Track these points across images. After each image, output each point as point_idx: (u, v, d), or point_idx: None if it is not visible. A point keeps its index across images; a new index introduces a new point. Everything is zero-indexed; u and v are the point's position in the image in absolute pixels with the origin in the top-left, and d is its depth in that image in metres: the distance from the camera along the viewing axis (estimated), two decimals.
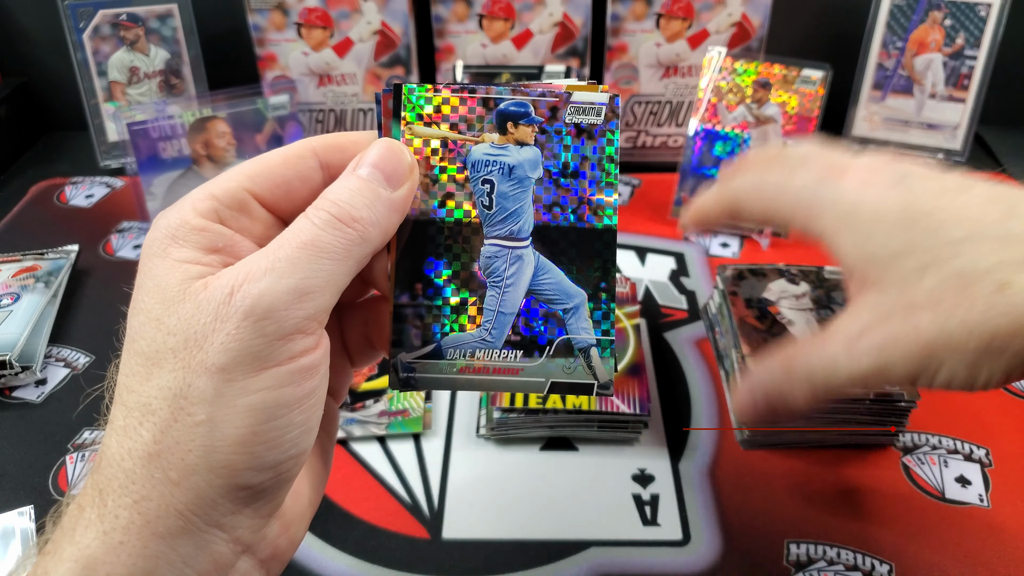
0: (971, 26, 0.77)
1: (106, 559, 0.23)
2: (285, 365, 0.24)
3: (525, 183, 0.29)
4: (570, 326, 0.29)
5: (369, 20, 0.80)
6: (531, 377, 0.29)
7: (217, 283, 0.24)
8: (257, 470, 0.24)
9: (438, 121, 0.29)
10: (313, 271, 0.25)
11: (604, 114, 0.29)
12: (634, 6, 0.79)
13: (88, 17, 0.79)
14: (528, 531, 0.46)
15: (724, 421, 0.53)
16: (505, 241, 0.29)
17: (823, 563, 0.44)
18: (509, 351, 0.29)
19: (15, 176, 0.84)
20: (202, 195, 0.26)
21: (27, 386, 0.57)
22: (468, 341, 0.29)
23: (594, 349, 0.29)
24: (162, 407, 0.23)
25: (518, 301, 0.29)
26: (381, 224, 0.27)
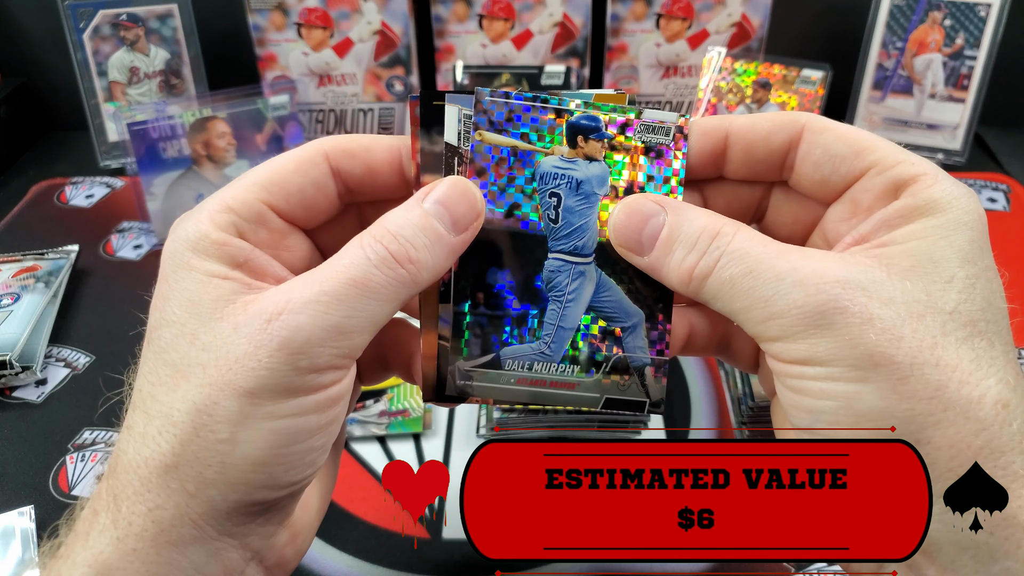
0: (971, 26, 0.77)
1: (119, 565, 0.23)
2: (312, 395, 0.24)
3: (592, 199, 0.29)
4: (627, 344, 0.30)
5: (369, 20, 0.80)
6: (586, 392, 0.30)
7: (257, 308, 0.24)
8: (273, 488, 0.24)
9: (508, 129, 0.29)
10: (357, 311, 0.24)
11: (673, 135, 0.29)
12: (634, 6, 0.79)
13: (88, 17, 0.79)
14: None
15: (724, 421, 0.53)
16: (569, 256, 0.29)
17: (823, 563, 0.44)
18: (566, 365, 0.30)
19: (15, 176, 0.84)
20: (219, 207, 0.26)
21: (27, 386, 0.57)
22: (527, 353, 0.30)
23: (648, 368, 0.30)
24: (185, 420, 0.23)
25: (579, 316, 0.29)
26: (436, 268, 0.26)
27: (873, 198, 0.26)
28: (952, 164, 0.80)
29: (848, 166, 0.27)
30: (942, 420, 0.23)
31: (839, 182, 0.27)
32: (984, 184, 0.77)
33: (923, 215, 0.25)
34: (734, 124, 0.28)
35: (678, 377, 0.57)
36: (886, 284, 0.24)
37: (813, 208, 0.29)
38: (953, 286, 0.24)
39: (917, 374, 0.23)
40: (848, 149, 0.27)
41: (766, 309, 0.24)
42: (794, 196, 0.30)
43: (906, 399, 0.23)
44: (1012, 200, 0.75)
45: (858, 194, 0.27)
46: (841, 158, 0.27)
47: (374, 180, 0.29)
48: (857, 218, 0.27)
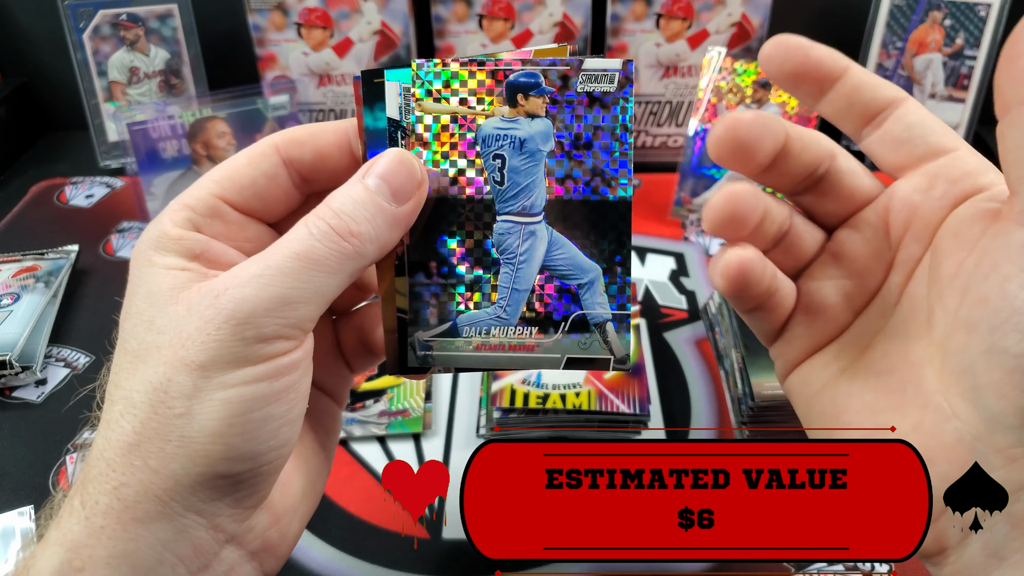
0: (971, 26, 0.77)
1: (88, 542, 0.24)
2: (262, 364, 0.25)
3: (537, 156, 0.29)
4: (585, 301, 0.29)
5: (369, 20, 0.80)
6: (547, 353, 0.29)
7: (207, 287, 0.25)
8: (234, 460, 0.25)
9: (448, 96, 0.29)
10: (301, 282, 0.25)
11: (618, 81, 0.28)
12: (634, 6, 0.79)
13: (88, 17, 0.79)
14: None
15: (724, 421, 0.53)
16: (518, 217, 0.29)
17: (823, 563, 0.44)
18: (524, 328, 0.29)
19: (15, 176, 0.84)
20: (177, 206, 0.27)
21: (27, 386, 0.57)
22: (483, 319, 0.29)
23: (610, 324, 0.29)
24: (143, 400, 0.24)
25: (532, 277, 0.29)
26: (380, 240, 0.27)
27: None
28: None
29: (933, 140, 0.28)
30: None
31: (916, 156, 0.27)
32: None
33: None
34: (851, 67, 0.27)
35: (678, 377, 0.57)
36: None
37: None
38: None
39: None
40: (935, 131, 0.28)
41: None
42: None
43: None
44: None
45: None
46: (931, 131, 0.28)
47: (325, 165, 0.29)
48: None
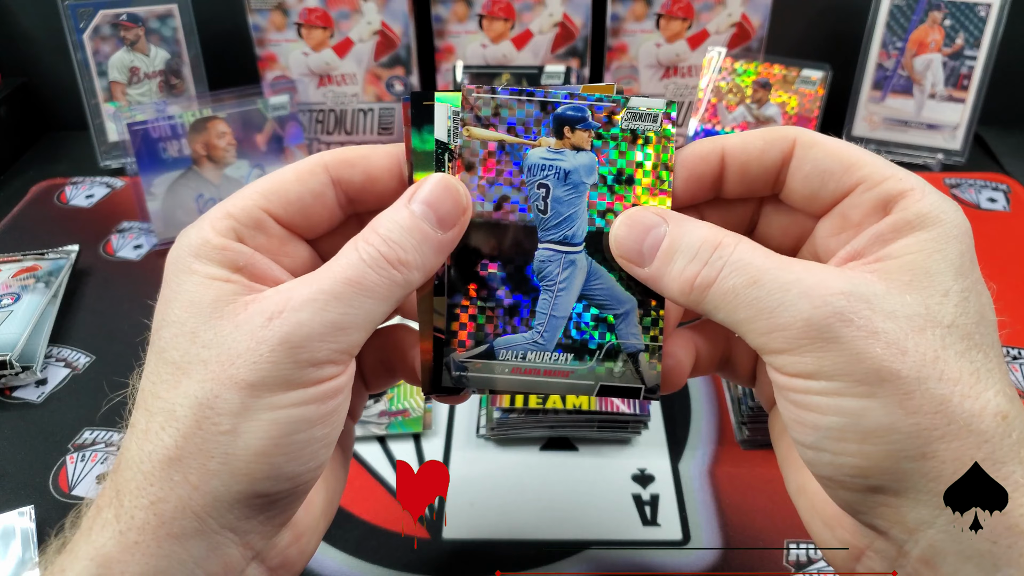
0: (971, 26, 0.77)
1: (121, 558, 0.23)
2: (311, 388, 0.25)
3: (580, 188, 0.29)
4: (620, 331, 0.30)
5: (369, 20, 0.80)
6: (580, 380, 0.30)
7: (257, 307, 0.25)
8: (276, 479, 0.25)
9: (496, 123, 0.29)
10: (354, 308, 0.25)
11: (660, 121, 0.29)
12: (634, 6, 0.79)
13: (88, 17, 0.79)
14: (528, 531, 0.46)
15: (724, 421, 0.53)
16: (559, 246, 0.30)
17: (823, 563, 0.44)
18: (560, 354, 0.30)
19: (15, 176, 0.84)
20: (220, 214, 0.27)
21: (27, 386, 0.57)
22: (520, 343, 0.30)
23: (643, 354, 0.30)
24: (187, 414, 0.24)
25: (570, 305, 0.30)
26: (426, 267, 0.27)
27: (863, 213, 0.26)
28: (952, 164, 0.80)
29: (837, 181, 0.27)
30: (946, 434, 0.23)
31: (828, 197, 0.27)
32: (984, 184, 0.77)
33: (915, 229, 0.25)
34: (727, 145, 0.29)
35: None
36: (887, 298, 0.24)
37: (802, 222, 0.30)
38: (949, 299, 0.24)
39: (922, 388, 0.23)
40: (837, 164, 0.27)
41: (770, 320, 0.24)
42: (784, 210, 0.30)
43: (912, 414, 0.23)
44: (1012, 200, 0.75)
45: (847, 209, 0.27)
46: (830, 173, 0.27)
47: (375, 187, 0.29)
48: (847, 233, 0.27)
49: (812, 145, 0.27)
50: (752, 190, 0.29)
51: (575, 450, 0.51)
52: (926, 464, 0.23)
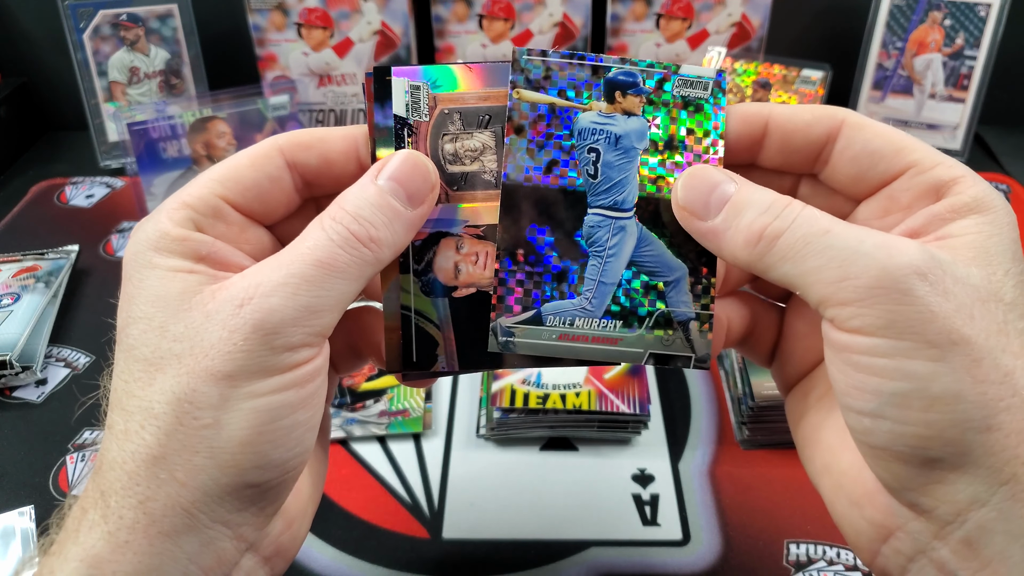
0: (971, 26, 0.77)
1: (112, 558, 0.23)
2: (288, 373, 0.24)
3: (631, 153, 0.29)
4: (670, 299, 0.29)
5: (369, 20, 0.80)
6: (629, 348, 0.29)
7: (226, 294, 0.24)
8: (264, 468, 0.24)
9: (547, 87, 0.29)
10: (325, 290, 0.25)
11: (711, 88, 0.29)
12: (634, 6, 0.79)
13: (88, 17, 0.79)
14: (528, 531, 0.46)
15: (724, 421, 0.53)
16: (608, 211, 0.29)
17: (823, 563, 0.44)
18: (608, 321, 0.29)
19: (15, 176, 0.84)
20: (176, 204, 0.26)
21: (27, 386, 0.57)
22: (568, 309, 0.29)
23: (693, 323, 0.29)
24: (166, 411, 0.24)
25: (619, 272, 0.29)
26: (396, 244, 0.27)
27: (913, 196, 0.26)
28: None
29: (887, 164, 0.27)
30: (1011, 406, 0.22)
31: (875, 179, 0.27)
32: None
33: (972, 212, 0.25)
34: (774, 112, 0.29)
35: (678, 377, 0.57)
36: (956, 266, 0.24)
37: (840, 204, 0.29)
38: (1009, 279, 0.24)
39: (989, 357, 0.23)
40: (888, 147, 0.27)
41: (842, 269, 0.24)
42: (823, 190, 0.30)
43: (980, 382, 0.22)
44: (1012, 200, 0.75)
45: (896, 192, 0.27)
46: (880, 155, 0.27)
47: (331, 170, 0.29)
48: (893, 216, 0.27)
49: (862, 127, 0.27)
50: (791, 163, 0.29)
51: (575, 450, 0.51)
52: (990, 436, 0.22)
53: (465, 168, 0.29)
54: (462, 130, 0.29)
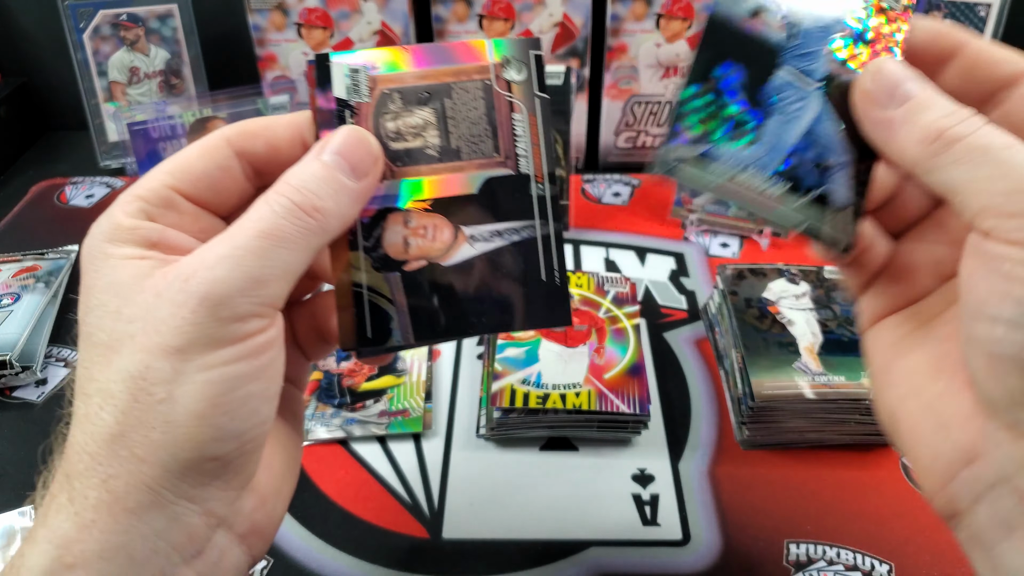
0: (970, 26, 0.77)
1: (79, 537, 0.23)
2: (240, 343, 0.25)
3: (830, 28, 0.30)
4: (835, 180, 0.30)
5: (369, 20, 0.80)
6: (790, 211, 0.30)
7: (174, 272, 0.25)
8: (221, 440, 0.25)
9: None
10: (270, 260, 0.25)
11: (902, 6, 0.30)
12: (634, 6, 0.79)
13: (88, 17, 0.79)
14: (528, 531, 0.46)
15: (724, 421, 0.53)
16: (800, 75, 0.30)
17: (823, 563, 0.44)
18: (777, 180, 0.30)
19: (15, 176, 0.84)
20: (128, 198, 0.27)
21: (27, 386, 0.57)
22: (741, 156, 0.30)
23: (849, 208, 0.30)
24: (122, 390, 0.24)
25: (796, 135, 0.30)
26: (343, 215, 0.27)
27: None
28: None
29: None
30: None
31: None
32: None
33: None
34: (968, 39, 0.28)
35: (678, 377, 0.57)
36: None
37: None
38: None
39: None
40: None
41: (1017, 182, 0.24)
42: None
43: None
44: None
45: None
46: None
47: (278, 156, 0.29)
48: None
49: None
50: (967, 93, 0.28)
51: (575, 450, 0.51)
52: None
53: (408, 144, 0.30)
54: (403, 108, 0.30)
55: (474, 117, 0.31)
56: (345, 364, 0.56)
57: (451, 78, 0.31)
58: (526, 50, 0.31)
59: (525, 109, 0.31)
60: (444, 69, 0.30)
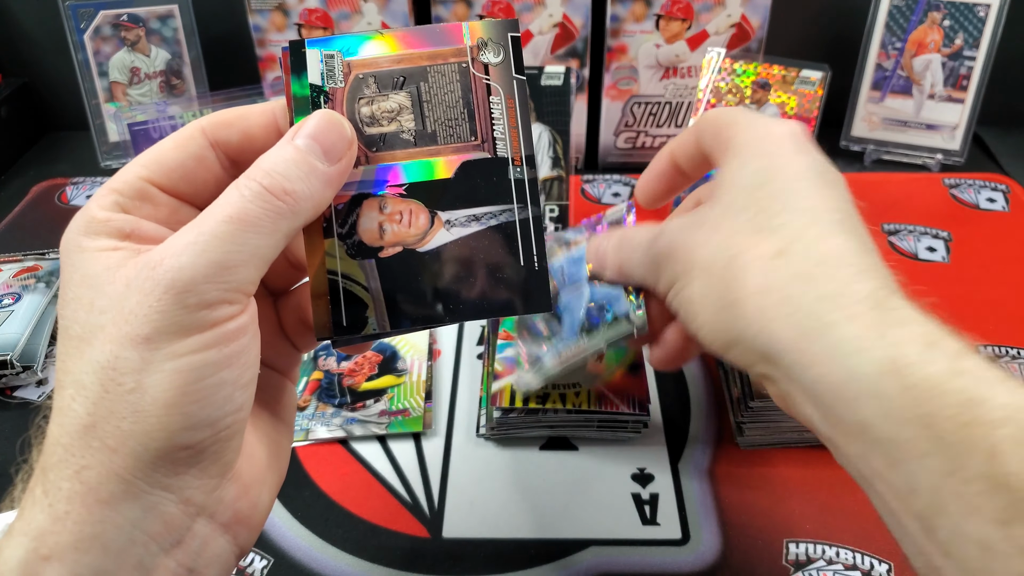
0: (970, 27, 0.77)
1: (53, 529, 0.23)
2: (209, 331, 0.25)
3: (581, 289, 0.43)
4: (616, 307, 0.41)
5: (369, 21, 0.81)
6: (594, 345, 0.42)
7: (143, 260, 0.25)
8: (192, 429, 0.24)
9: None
10: (237, 245, 0.25)
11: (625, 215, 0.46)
12: (634, 7, 0.79)
13: (89, 18, 0.79)
14: (528, 531, 0.46)
15: (724, 421, 0.53)
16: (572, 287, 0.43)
17: (822, 562, 0.44)
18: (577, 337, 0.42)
19: (16, 176, 0.85)
20: (103, 192, 0.27)
21: (28, 386, 0.57)
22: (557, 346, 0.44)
23: (632, 312, 0.40)
24: (93, 381, 0.24)
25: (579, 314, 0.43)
26: (315, 199, 0.27)
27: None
28: (951, 164, 0.80)
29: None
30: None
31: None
32: (983, 184, 0.78)
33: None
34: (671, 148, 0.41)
35: (678, 377, 0.57)
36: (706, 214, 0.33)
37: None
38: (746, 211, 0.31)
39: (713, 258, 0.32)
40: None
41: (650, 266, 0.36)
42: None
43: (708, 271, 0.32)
44: (1011, 200, 0.76)
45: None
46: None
47: (253, 145, 0.29)
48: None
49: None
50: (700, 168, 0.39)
51: (575, 450, 0.51)
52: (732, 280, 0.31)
53: (383, 129, 0.30)
54: (377, 93, 0.30)
55: (450, 101, 0.30)
56: (345, 364, 0.56)
57: (427, 61, 0.30)
58: (504, 32, 0.30)
59: (503, 92, 0.30)
60: (420, 52, 0.30)
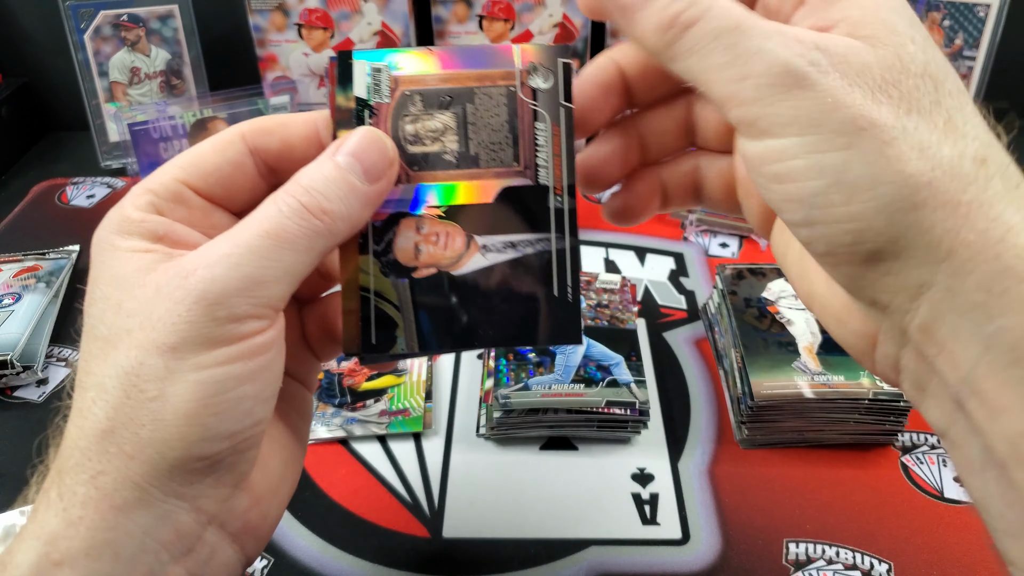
0: (969, 27, 0.77)
1: (66, 533, 0.23)
2: (235, 344, 0.24)
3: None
4: (616, 372, 0.49)
5: (369, 21, 0.81)
6: (591, 398, 0.48)
7: (175, 268, 0.24)
8: (211, 440, 0.24)
9: None
10: (271, 261, 0.25)
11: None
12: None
13: (89, 18, 0.79)
14: (528, 530, 0.46)
15: (723, 421, 0.53)
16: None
17: (822, 562, 0.44)
18: (574, 385, 0.49)
19: (16, 176, 0.85)
20: (139, 191, 0.27)
21: (28, 386, 0.57)
22: (547, 380, 0.50)
23: (632, 384, 0.47)
24: (115, 385, 0.24)
25: (577, 361, 0.50)
26: (352, 218, 0.27)
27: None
28: None
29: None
30: (933, 179, 0.22)
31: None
32: None
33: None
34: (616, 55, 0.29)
35: (678, 377, 0.57)
36: (860, 51, 0.23)
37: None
38: (917, 46, 0.23)
39: (901, 136, 0.22)
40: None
41: (746, 67, 0.23)
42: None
43: (894, 160, 0.22)
44: None
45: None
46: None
47: (292, 154, 0.29)
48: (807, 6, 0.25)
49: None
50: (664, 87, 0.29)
51: (575, 450, 0.51)
52: (918, 215, 0.22)
53: (426, 149, 0.30)
54: (423, 111, 0.29)
55: (496, 124, 0.30)
56: (345, 364, 0.56)
57: (475, 82, 0.30)
58: (554, 57, 0.30)
59: (549, 118, 0.30)
60: (469, 73, 0.30)
